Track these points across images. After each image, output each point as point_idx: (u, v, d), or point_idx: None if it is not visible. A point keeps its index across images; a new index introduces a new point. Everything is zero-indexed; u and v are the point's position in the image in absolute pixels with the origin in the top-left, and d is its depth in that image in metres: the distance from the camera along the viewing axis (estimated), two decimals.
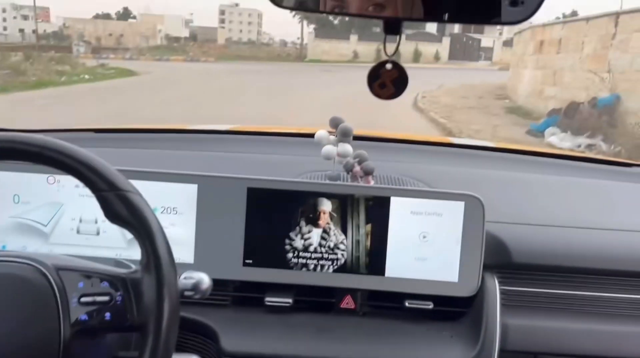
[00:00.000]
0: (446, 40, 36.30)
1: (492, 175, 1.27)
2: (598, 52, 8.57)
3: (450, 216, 0.94)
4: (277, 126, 1.52)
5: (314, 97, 13.17)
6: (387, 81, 0.68)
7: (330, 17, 44.05)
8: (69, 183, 0.96)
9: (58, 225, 0.97)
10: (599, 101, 7.92)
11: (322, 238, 0.97)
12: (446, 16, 0.62)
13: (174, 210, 0.97)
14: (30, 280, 0.68)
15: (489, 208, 0.94)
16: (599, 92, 8.14)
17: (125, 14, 61.73)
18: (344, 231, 0.97)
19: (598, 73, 8.14)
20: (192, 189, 0.96)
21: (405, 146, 1.40)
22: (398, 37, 0.67)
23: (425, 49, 35.99)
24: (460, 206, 0.94)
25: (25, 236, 0.97)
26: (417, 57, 35.29)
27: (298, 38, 41.98)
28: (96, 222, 0.97)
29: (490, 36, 40.96)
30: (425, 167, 1.24)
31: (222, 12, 64.10)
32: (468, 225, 0.94)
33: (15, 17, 57.33)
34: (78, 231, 0.97)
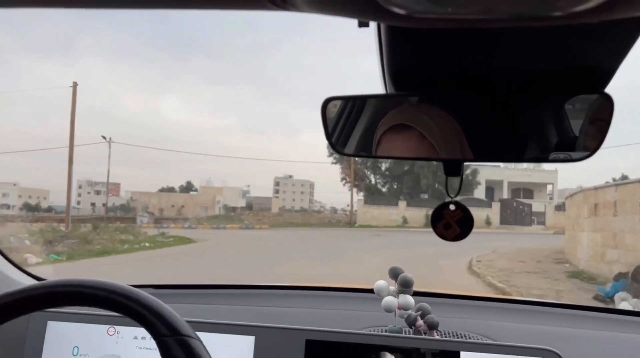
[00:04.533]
0: (496, 206, 36.52)
1: (561, 332, 1.17)
2: None
3: None
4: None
5: (364, 261, 13.11)
6: (452, 221, 0.67)
7: (379, 186, 45.89)
8: (128, 335, 0.95)
9: None
10: None
11: None
12: (495, 156, 0.64)
13: None
14: None
15: None
16: None
17: (187, 188, 66.57)
18: None
19: None
20: (249, 341, 0.93)
21: (467, 302, 1.33)
22: (460, 178, 0.68)
23: (475, 214, 35.97)
24: None
25: None
26: None
27: (348, 205, 43.36)
28: None
29: (541, 201, 41.01)
30: (491, 323, 1.16)
31: (277, 184, 68.11)
32: None
33: (89, 193, 62.81)
34: None
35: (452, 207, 0.68)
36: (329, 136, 0.71)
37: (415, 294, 1.14)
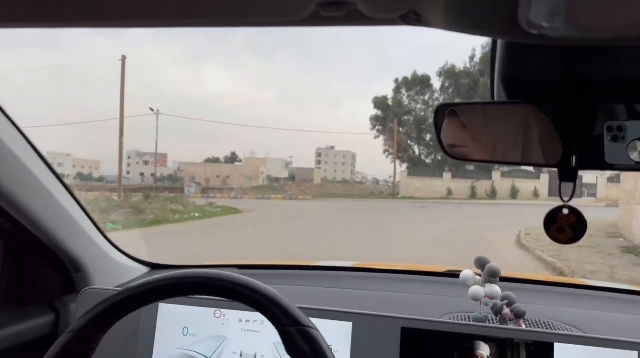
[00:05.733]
0: (544, 177, 35.46)
1: None
2: None
3: None
4: (416, 265, 1.54)
5: (409, 235, 13.12)
6: (565, 225, 0.69)
7: (423, 156, 45.35)
8: (234, 317, 1.02)
9: (220, 357, 1.02)
10: None
11: None
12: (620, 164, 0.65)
13: (330, 348, 0.98)
14: None
15: None
16: None
17: (232, 158, 67.69)
18: None
19: None
20: (346, 326, 0.99)
21: (553, 288, 1.34)
22: (573, 184, 0.70)
23: (523, 185, 35.34)
24: (632, 356, 0.87)
25: None
26: (514, 193, 34.62)
27: (390, 176, 43.11)
28: (255, 357, 1.01)
29: (592, 172, 39.52)
30: (578, 311, 1.17)
31: (319, 154, 68.29)
32: None
33: (137, 163, 64.81)
34: None
35: (565, 211, 0.69)
36: (440, 140, 0.73)
37: (504, 279, 1.17)
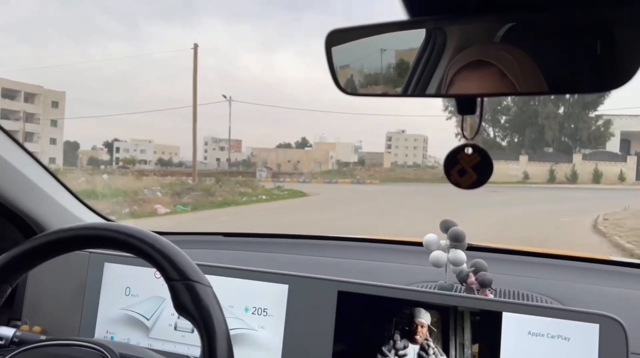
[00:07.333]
0: (632, 160, 32.92)
1: None
2: None
3: (580, 342, 0.75)
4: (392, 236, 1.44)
5: (478, 218, 12.66)
6: (468, 167, 0.59)
7: (498, 139, 43.53)
8: None
9: (159, 319, 1.00)
10: None
11: (420, 356, 0.83)
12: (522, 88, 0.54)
13: (265, 311, 0.93)
14: None
15: (635, 337, 0.73)
16: None
17: (303, 143, 68.61)
18: (446, 350, 0.82)
19: None
20: (283, 289, 0.93)
21: (535, 259, 1.19)
22: (479, 117, 0.59)
23: (607, 169, 33.00)
24: (594, 329, 0.75)
25: (131, 329, 1.01)
26: (597, 177, 32.40)
27: None
28: None
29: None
30: (561, 283, 1.04)
31: (389, 139, 67.42)
32: (605, 354, 0.73)
33: (214, 149, 67.25)
34: (175, 328, 0.99)
35: (468, 150, 0.59)
36: (335, 76, 0.65)
37: (476, 249, 1.06)
